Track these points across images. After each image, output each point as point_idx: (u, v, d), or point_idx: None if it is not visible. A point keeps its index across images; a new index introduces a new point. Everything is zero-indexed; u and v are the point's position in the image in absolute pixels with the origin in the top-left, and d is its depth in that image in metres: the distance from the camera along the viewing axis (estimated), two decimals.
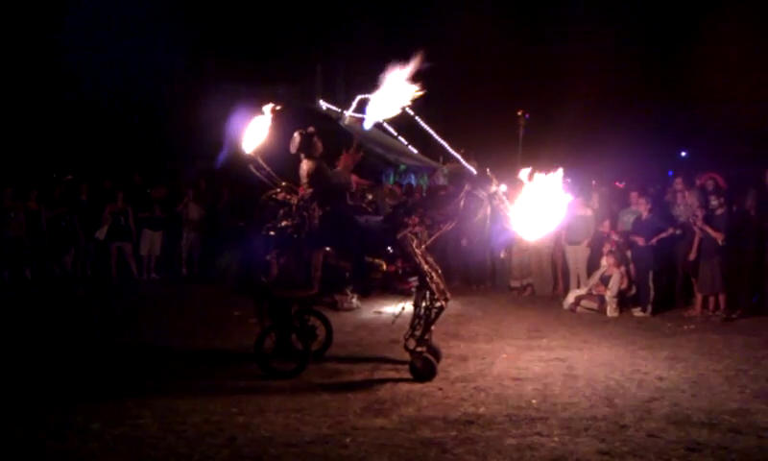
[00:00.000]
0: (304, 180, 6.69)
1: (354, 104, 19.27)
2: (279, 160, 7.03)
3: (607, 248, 10.25)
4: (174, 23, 18.46)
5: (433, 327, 6.48)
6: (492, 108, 19.26)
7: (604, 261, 10.24)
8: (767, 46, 16.60)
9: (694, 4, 18.77)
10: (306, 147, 6.73)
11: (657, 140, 18.81)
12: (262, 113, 6.97)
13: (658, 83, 19.60)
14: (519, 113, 17.07)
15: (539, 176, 6.23)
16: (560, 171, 6.23)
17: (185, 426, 5.09)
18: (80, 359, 7.31)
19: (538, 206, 6.22)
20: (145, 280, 13.38)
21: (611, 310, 9.76)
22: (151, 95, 18.84)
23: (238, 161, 7.33)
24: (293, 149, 6.75)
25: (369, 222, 6.68)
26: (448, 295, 6.61)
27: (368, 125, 6.91)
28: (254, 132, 6.93)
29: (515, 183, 6.53)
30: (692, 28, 18.17)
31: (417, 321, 6.47)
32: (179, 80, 18.93)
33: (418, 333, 6.41)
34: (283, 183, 6.88)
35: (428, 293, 6.38)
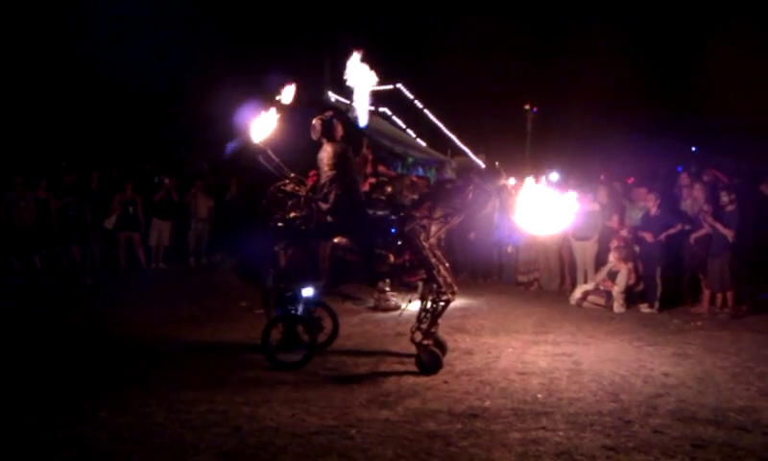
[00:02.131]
0: (328, 162, 6.61)
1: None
2: (288, 152, 7.03)
3: (614, 243, 10.22)
4: (184, 15, 18.49)
5: (439, 321, 6.48)
6: (500, 102, 19.23)
7: (611, 257, 10.21)
8: None
9: (706, 2, 18.67)
10: (328, 131, 6.73)
11: (667, 135, 18.72)
12: (273, 104, 6.96)
13: (668, 78, 19.50)
14: (527, 107, 17.01)
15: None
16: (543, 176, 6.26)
17: (191, 415, 5.12)
18: (87, 348, 7.36)
19: (546, 203, 6.22)
20: (153, 270, 13.44)
21: (617, 306, 9.74)
22: (161, 86, 18.87)
23: (247, 152, 7.34)
24: (314, 136, 6.74)
25: (377, 214, 6.67)
26: (455, 288, 6.61)
27: (362, 122, 6.88)
28: (264, 123, 6.93)
29: (522, 177, 6.53)
30: (703, 24, 18.07)
31: (423, 314, 6.47)
32: (188, 71, 18.95)
33: (424, 326, 6.41)
34: (292, 175, 6.89)
35: (435, 286, 6.39)
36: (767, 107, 15.56)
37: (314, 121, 6.76)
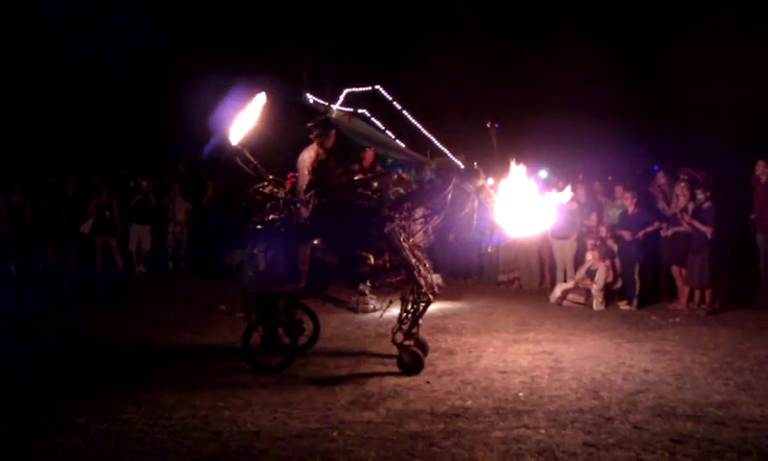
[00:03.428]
0: (309, 165, 6.56)
1: (342, 98, 19.24)
2: (265, 153, 6.99)
3: (591, 242, 10.31)
4: (159, 15, 18.32)
5: (420, 321, 6.48)
6: (476, 110, 19.27)
7: (589, 255, 10.30)
8: (750, 42, 16.74)
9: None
10: (322, 133, 6.69)
11: (642, 134, 18.91)
12: (249, 103, 6.90)
13: (641, 78, 19.70)
14: (488, 125, 16.96)
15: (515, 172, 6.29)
16: (521, 167, 6.28)
17: (171, 421, 5.07)
18: (65, 354, 7.27)
19: (526, 204, 6.25)
20: (131, 275, 13.32)
21: (597, 304, 9.82)
22: (136, 88, 18.69)
23: (224, 155, 7.30)
24: (310, 125, 6.68)
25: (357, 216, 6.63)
26: (436, 289, 6.61)
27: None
28: (241, 123, 6.88)
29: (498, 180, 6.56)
30: (675, 23, 18.27)
31: (404, 314, 6.46)
32: (164, 72, 18.78)
33: (405, 327, 6.41)
34: (270, 177, 6.85)
35: (416, 287, 6.38)
36: (744, 104, 15.80)
37: (318, 115, 6.72)
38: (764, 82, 14.99)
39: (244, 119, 6.82)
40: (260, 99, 6.87)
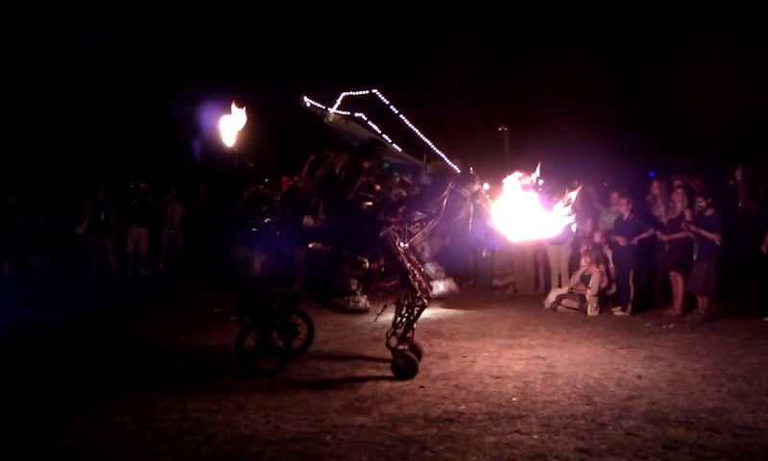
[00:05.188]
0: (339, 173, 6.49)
1: (338, 101, 19.24)
2: (262, 156, 7.00)
3: (584, 247, 10.34)
4: (156, 20, 18.35)
5: (415, 325, 6.48)
6: (474, 116, 19.32)
7: (583, 261, 10.33)
8: (739, 59, 16.94)
9: (672, 16, 18.99)
10: (368, 153, 6.73)
11: (637, 142, 19.01)
12: (239, 107, 6.91)
13: (636, 88, 19.84)
14: (501, 129, 17.06)
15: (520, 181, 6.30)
16: (534, 175, 6.29)
17: (164, 424, 5.06)
18: (58, 356, 7.25)
19: (525, 211, 6.26)
20: (131, 277, 13.31)
21: (591, 309, 9.83)
22: (133, 91, 18.70)
23: (219, 157, 7.30)
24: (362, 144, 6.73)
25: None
26: (430, 293, 6.61)
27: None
28: (233, 125, 6.88)
29: (498, 185, 6.57)
30: (669, 37, 18.42)
31: (399, 319, 6.47)
32: (161, 75, 18.80)
33: (400, 331, 6.41)
34: (266, 180, 6.85)
35: (410, 291, 6.39)
36: (732, 113, 15.90)
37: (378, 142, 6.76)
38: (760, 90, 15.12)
39: (231, 121, 6.82)
40: (236, 117, 6.88)
